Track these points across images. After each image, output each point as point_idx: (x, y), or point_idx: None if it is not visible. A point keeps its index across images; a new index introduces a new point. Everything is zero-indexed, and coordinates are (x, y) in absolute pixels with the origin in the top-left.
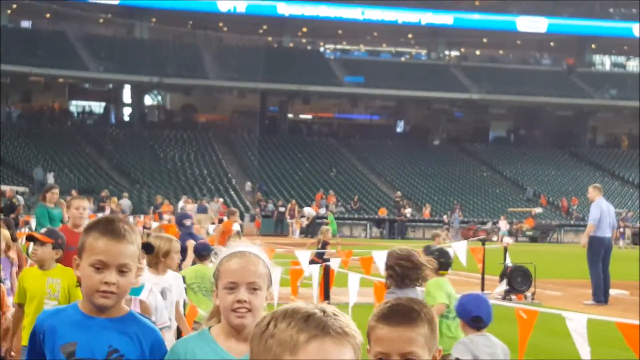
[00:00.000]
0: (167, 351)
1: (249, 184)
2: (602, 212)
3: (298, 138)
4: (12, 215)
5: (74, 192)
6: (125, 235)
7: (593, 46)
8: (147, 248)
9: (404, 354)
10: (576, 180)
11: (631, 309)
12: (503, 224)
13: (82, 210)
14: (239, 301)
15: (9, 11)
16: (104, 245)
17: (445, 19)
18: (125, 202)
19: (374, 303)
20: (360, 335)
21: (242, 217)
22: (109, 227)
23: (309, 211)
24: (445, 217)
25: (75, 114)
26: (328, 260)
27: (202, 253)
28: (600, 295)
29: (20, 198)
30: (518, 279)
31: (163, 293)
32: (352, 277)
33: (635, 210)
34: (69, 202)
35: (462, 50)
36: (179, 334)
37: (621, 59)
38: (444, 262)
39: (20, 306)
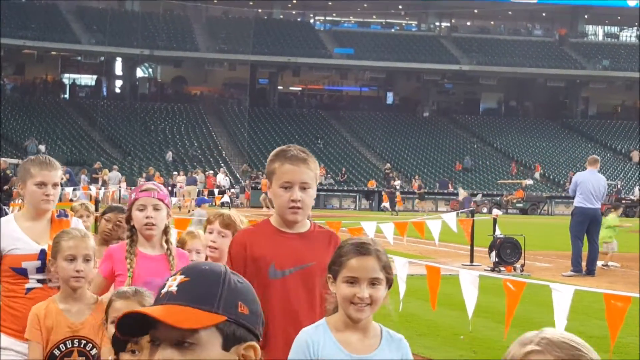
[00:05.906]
0: None
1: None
2: (578, 183)
3: (288, 110)
4: (6, 187)
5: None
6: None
7: (586, 16)
8: None
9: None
10: (568, 151)
11: (620, 280)
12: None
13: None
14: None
15: None
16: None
17: None
18: (114, 174)
19: None
20: None
21: (231, 189)
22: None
23: None
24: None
25: (68, 87)
26: None
27: None
28: (579, 266)
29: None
30: (507, 251)
31: None
32: None
33: (627, 182)
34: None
35: (453, 21)
36: None
37: (614, 30)
38: None
39: None
